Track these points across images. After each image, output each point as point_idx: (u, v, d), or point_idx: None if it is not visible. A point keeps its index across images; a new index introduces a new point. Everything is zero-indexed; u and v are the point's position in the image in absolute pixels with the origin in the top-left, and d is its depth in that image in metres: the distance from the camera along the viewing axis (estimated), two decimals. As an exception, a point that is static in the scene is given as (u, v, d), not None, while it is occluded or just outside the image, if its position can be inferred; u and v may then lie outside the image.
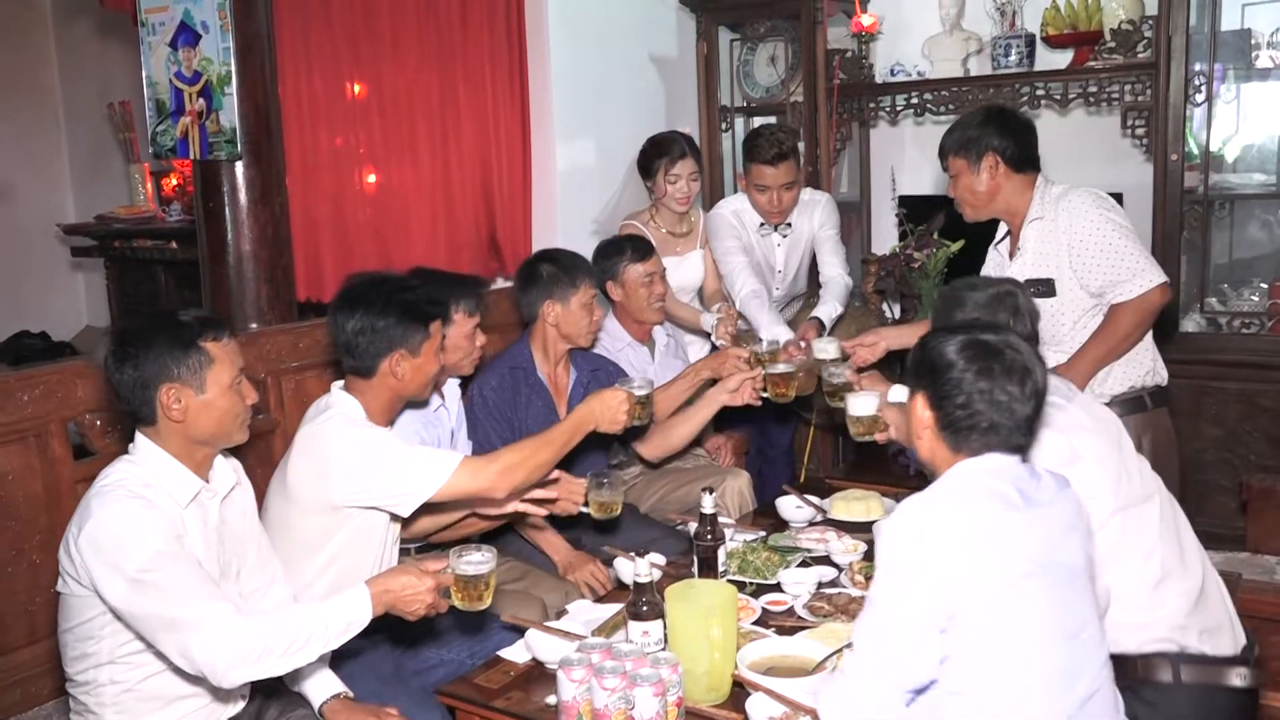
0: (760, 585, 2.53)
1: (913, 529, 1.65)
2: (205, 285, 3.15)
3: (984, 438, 1.70)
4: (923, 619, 1.62)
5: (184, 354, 1.96)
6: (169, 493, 1.96)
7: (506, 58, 4.02)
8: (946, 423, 1.72)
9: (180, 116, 3.06)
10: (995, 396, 1.69)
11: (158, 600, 1.83)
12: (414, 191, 3.80)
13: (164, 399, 1.95)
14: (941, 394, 1.72)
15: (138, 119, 5.46)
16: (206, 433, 2.00)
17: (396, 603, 1.99)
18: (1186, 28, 3.64)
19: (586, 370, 3.15)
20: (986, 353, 1.70)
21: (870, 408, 2.67)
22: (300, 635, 1.88)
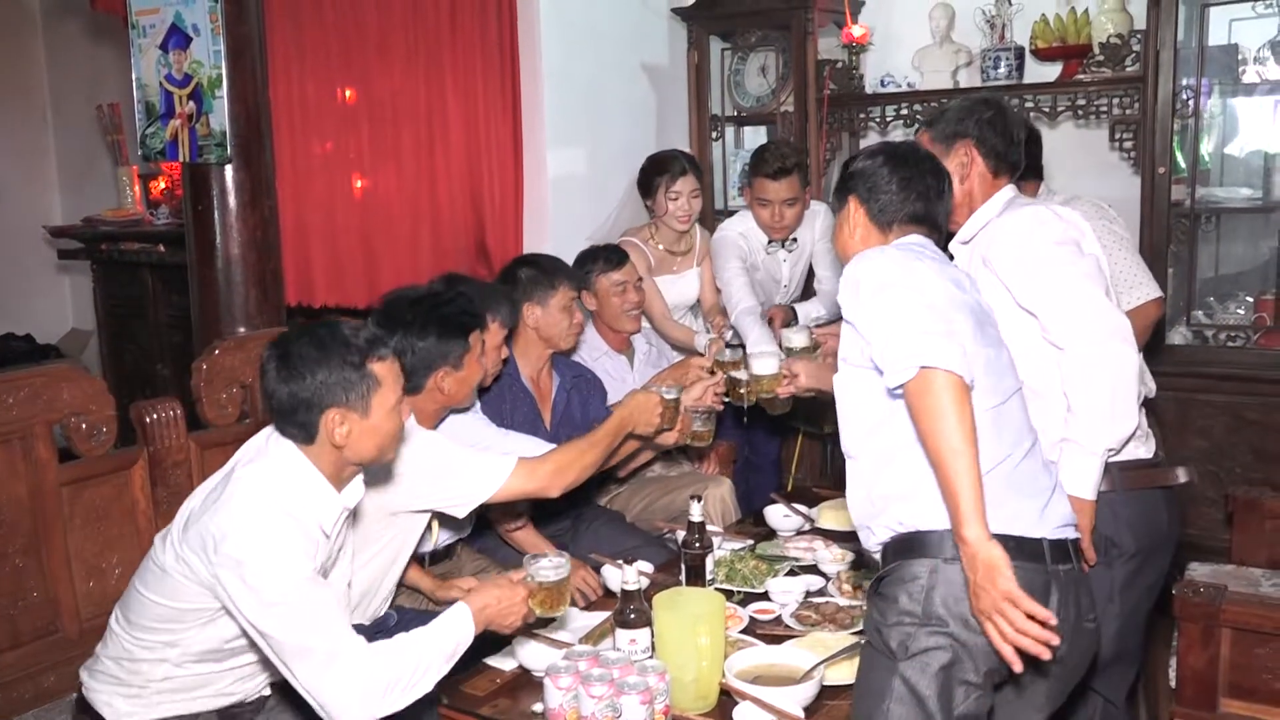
0: (748, 594, 2.54)
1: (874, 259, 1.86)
2: (193, 289, 3.14)
3: (912, 215, 1.97)
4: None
5: (355, 377, 1.89)
6: (320, 521, 1.91)
7: (498, 64, 4.02)
8: (877, 210, 1.98)
9: (170, 119, 3.05)
10: (916, 185, 1.97)
11: (290, 624, 1.79)
12: (403, 197, 3.80)
13: (329, 423, 1.89)
14: (870, 186, 1.98)
15: (126, 121, 5.44)
16: (366, 456, 1.95)
17: (495, 617, 1.97)
18: (1174, 42, 3.66)
19: (569, 376, 3.17)
20: (904, 153, 2.01)
21: (772, 366, 2.77)
22: (420, 667, 1.85)
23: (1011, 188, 2.32)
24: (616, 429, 2.61)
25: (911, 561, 1.79)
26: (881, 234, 2.00)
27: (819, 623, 2.36)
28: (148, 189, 5.43)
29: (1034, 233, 2.14)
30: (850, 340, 1.89)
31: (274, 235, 3.15)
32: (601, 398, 3.24)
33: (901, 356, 1.72)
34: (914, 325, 1.74)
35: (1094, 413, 2.05)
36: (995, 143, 2.27)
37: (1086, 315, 2.06)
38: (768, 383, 2.77)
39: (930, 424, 1.68)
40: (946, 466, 1.67)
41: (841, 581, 2.56)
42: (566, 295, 3.00)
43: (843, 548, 2.71)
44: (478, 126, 3.99)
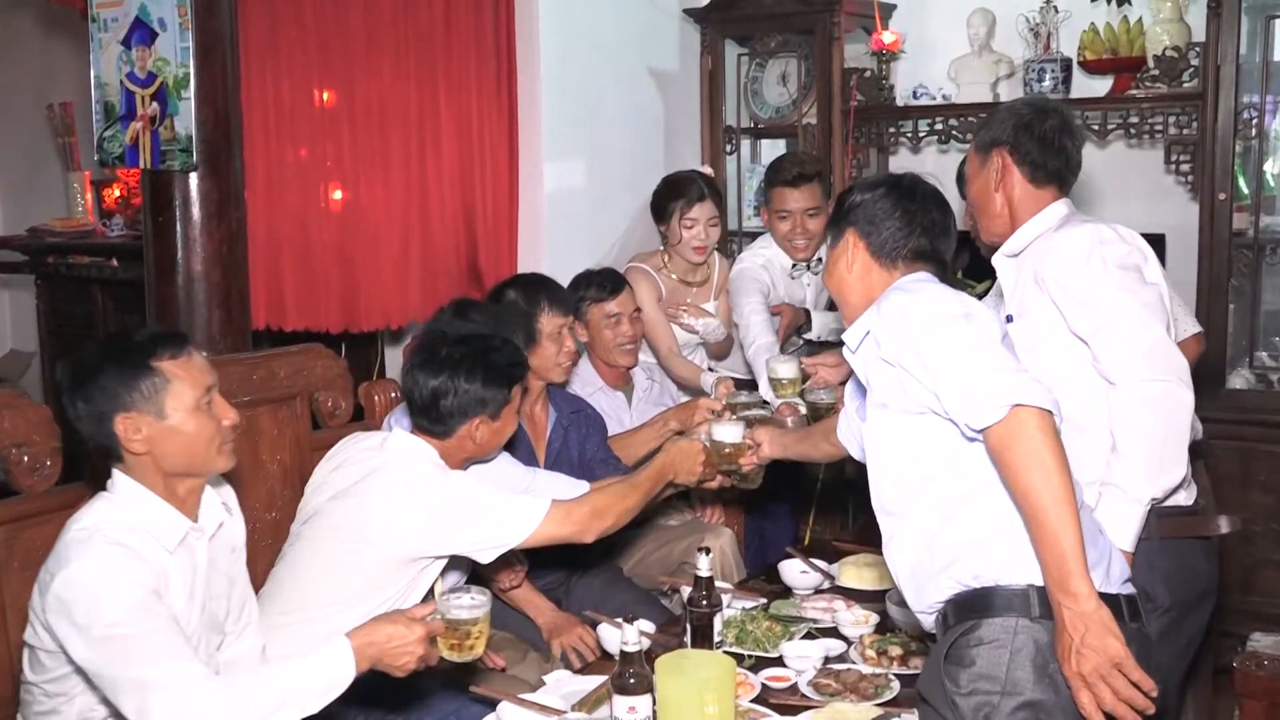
0: (760, 658, 2.53)
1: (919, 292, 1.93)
2: (150, 308, 3.14)
3: (917, 251, 2.03)
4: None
5: (134, 378, 1.94)
6: (155, 537, 1.94)
7: (494, 68, 4.06)
8: (879, 245, 2.04)
9: (131, 121, 3.07)
10: (921, 219, 2.03)
11: (124, 658, 1.81)
12: (387, 211, 3.82)
13: (121, 430, 1.94)
14: (870, 220, 2.04)
15: (80, 122, 5.48)
16: (178, 462, 1.98)
17: (383, 656, 1.96)
18: (1236, 56, 3.70)
19: (567, 411, 3.18)
20: (907, 186, 2.08)
21: (736, 434, 2.80)
22: (272, 698, 1.85)
23: (1067, 202, 2.36)
24: (657, 476, 2.68)
25: (989, 620, 1.80)
26: (885, 270, 2.05)
27: (839, 692, 2.35)
28: (101, 197, 5.46)
29: (1094, 253, 2.17)
30: (891, 384, 1.90)
31: (241, 251, 3.16)
32: (602, 435, 3.25)
33: (989, 395, 1.72)
34: (993, 361, 1.77)
35: (1142, 458, 2.07)
36: (1030, 149, 2.32)
37: (1143, 350, 2.08)
38: (730, 453, 2.81)
39: (1027, 470, 1.70)
40: (1048, 515, 1.68)
41: (865, 646, 2.55)
42: (553, 321, 3.02)
43: (866, 609, 2.70)
44: (470, 135, 4.02)
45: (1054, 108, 2.41)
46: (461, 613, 2.05)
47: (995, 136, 2.36)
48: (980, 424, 1.73)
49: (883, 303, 1.94)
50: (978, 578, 1.82)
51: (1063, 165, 2.35)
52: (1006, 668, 1.75)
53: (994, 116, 2.42)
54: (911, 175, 2.16)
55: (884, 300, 1.95)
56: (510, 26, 4.11)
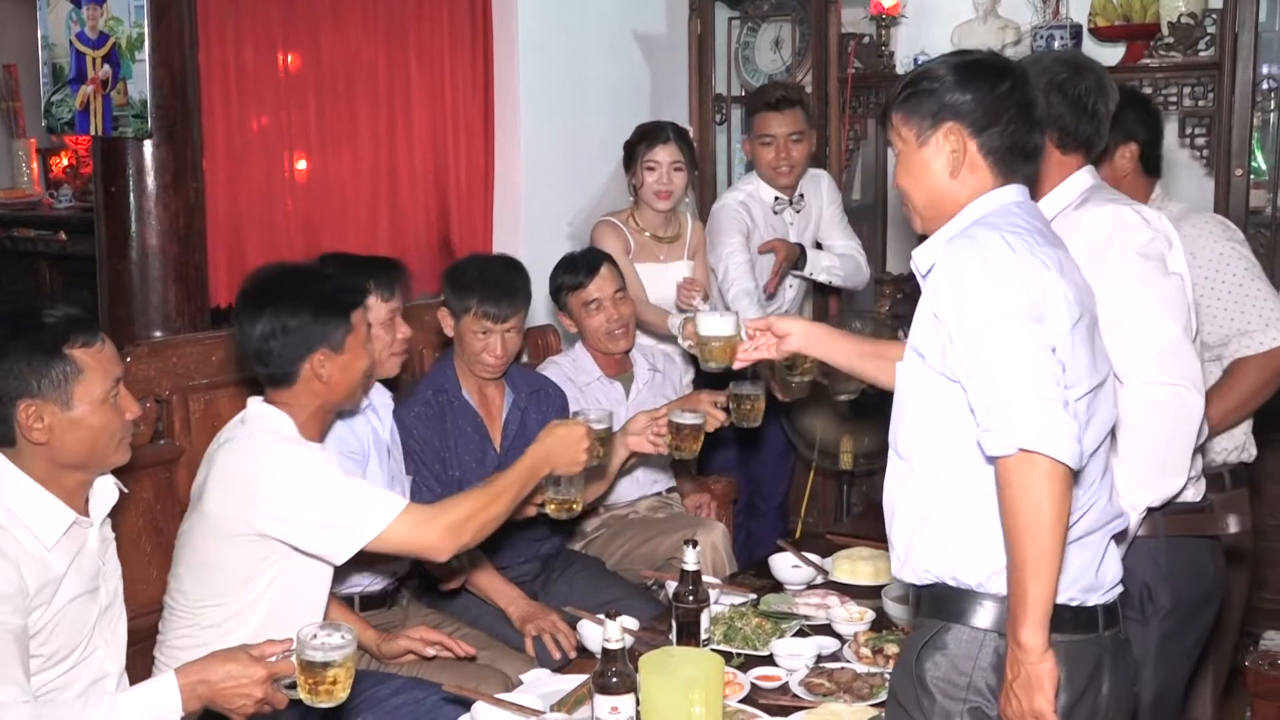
0: (749, 656, 2.55)
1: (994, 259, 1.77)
2: (102, 284, 3.13)
3: (1030, 151, 1.90)
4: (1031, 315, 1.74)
5: (45, 364, 1.93)
6: (32, 531, 1.93)
7: (468, 30, 4.04)
8: (998, 144, 1.87)
9: (81, 85, 3.05)
10: (1038, 109, 1.90)
11: None
12: (355, 182, 3.80)
13: (22, 418, 1.93)
14: (990, 108, 1.86)
15: (25, 87, 5.46)
16: (76, 456, 1.98)
17: (215, 696, 1.90)
18: (1255, 24, 3.72)
19: (525, 391, 3.17)
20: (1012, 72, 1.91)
21: (727, 326, 2.43)
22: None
23: (1090, 171, 2.29)
24: (529, 472, 2.45)
25: (960, 626, 1.81)
26: (999, 178, 1.89)
27: (832, 692, 2.37)
28: (48, 166, 5.44)
29: (1114, 237, 2.14)
30: (933, 337, 1.84)
31: (199, 223, 3.15)
32: (563, 415, 3.24)
33: (1004, 426, 1.68)
34: (1026, 386, 1.69)
35: (1141, 463, 2.07)
36: (1061, 112, 2.24)
37: (1156, 351, 2.07)
38: (719, 350, 2.43)
39: (1020, 517, 1.68)
40: (1026, 567, 1.68)
41: (859, 644, 2.57)
42: (478, 321, 2.99)
43: (860, 605, 2.72)
44: (443, 101, 4.01)
45: (1089, 65, 2.32)
46: (316, 654, 1.88)
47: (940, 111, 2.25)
48: (988, 450, 1.71)
49: (955, 247, 1.84)
50: (955, 578, 1.82)
51: (1093, 132, 2.28)
52: (971, 677, 1.78)
53: None
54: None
55: (957, 243, 1.84)
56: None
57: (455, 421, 3.03)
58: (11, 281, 5.26)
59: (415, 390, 3.08)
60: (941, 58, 1.99)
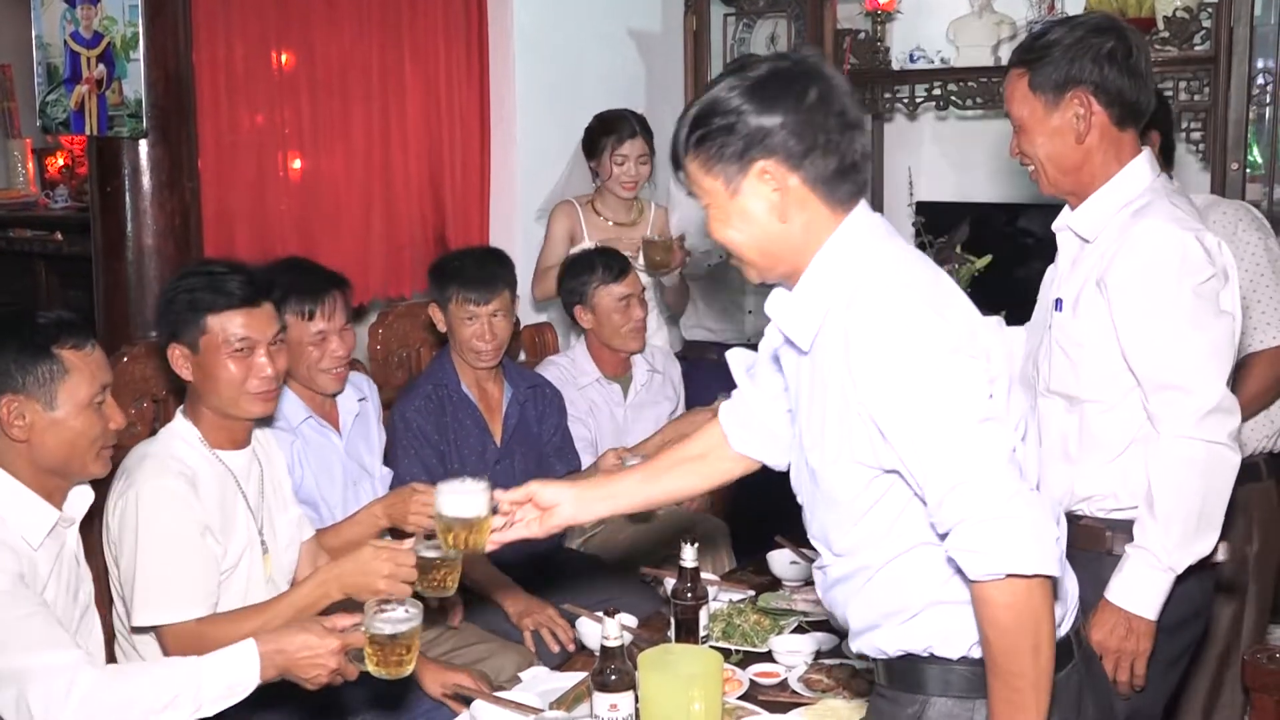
0: (748, 653, 2.55)
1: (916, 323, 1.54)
2: (98, 284, 3.14)
3: (858, 175, 1.62)
4: (981, 384, 1.54)
5: (32, 361, 1.93)
6: (18, 530, 1.93)
7: (463, 28, 4.04)
8: (820, 177, 1.59)
9: (76, 85, 3.05)
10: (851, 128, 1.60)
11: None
12: (350, 180, 3.81)
13: (4, 413, 1.93)
14: (805, 140, 1.58)
15: (20, 87, 5.45)
16: (54, 458, 1.97)
17: (292, 666, 1.94)
18: (1251, 18, 3.71)
19: (523, 386, 3.21)
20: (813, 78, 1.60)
21: (474, 506, 1.95)
22: (166, 691, 1.85)
23: (1149, 159, 2.13)
24: (310, 598, 2.20)
25: (942, 700, 1.66)
26: (834, 208, 1.62)
27: (831, 688, 2.37)
28: (43, 166, 5.44)
29: (1173, 269, 2.00)
30: (849, 428, 1.60)
31: (196, 223, 3.15)
32: (560, 417, 3.27)
33: (985, 549, 1.49)
34: (997, 494, 1.49)
35: (1179, 523, 2.00)
36: (1120, 84, 2.04)
37: (1202, 411, 1.98)
38: (466, 533, 1.96)
39: (1018, 634, 1.51)
40: (1029, 683, 1.52)
41: (858, 640, 2.57)
42: (462, 308, 3.03)
43: (860, 601, 2.72)
44: (438, 99, 4.01)
45: (1122, 25, 2.12)
46: (385, 627, 1.93)
47: (1074, 74, 2.04)
48: (967, 573, 1.51)
49: (855, 320, 1.56)
50: (931, 652, 1.65)
51: (1149, 98, 2.10)
52: None
53: (1057, 48, 2.06)
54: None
55: (854, 314, 1.56)
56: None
57: (455, 415, 3.05)
58: (8, 282, 5.25)
59: (415, 385, 3.10)
60: (726, 79, 1.62)
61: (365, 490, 2.82)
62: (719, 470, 2.02)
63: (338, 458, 2.80)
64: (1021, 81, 2.11)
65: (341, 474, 2.80)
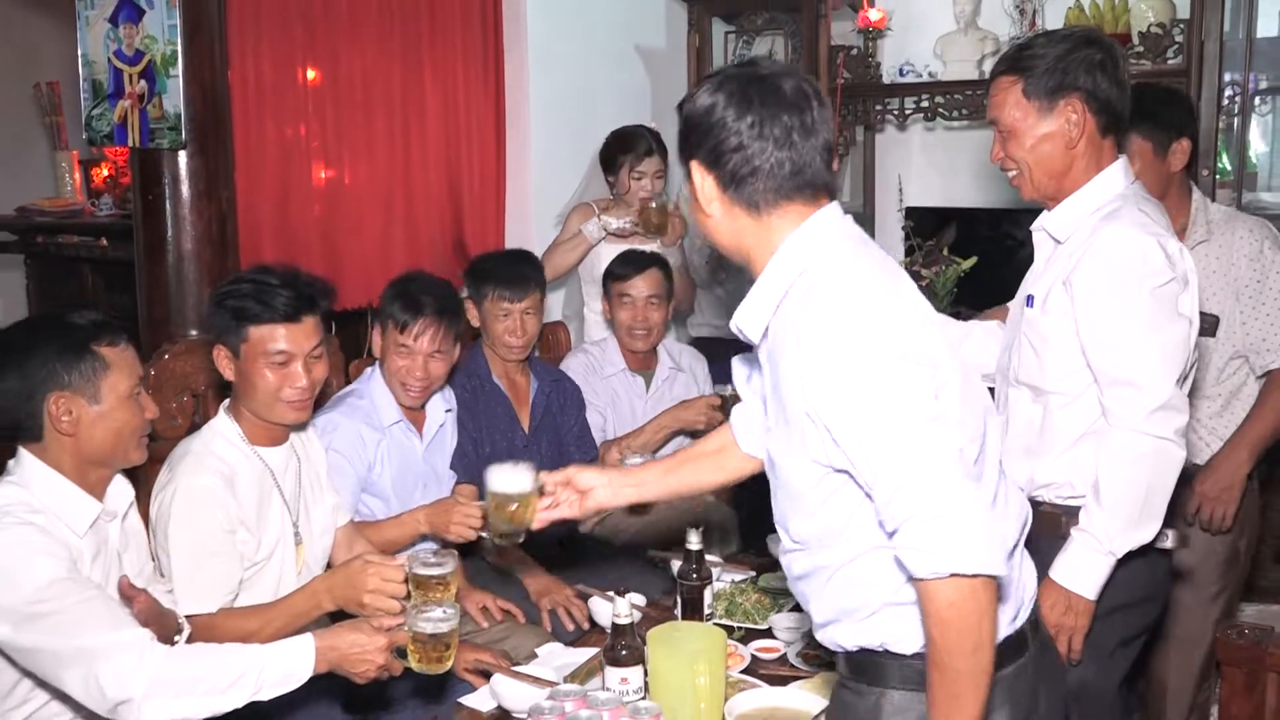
0: (749, 630, 2.54)
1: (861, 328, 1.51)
2: (140, 287, 3.13)
3: (773, 181, 1.56)
4: (925, 390, 1.49)
5: (75, 359, 1.93)
6: (63, 521, 1.92)
7: (480, 45, 4.03)
8: (729, 179, 1.57)
9: (119, 100, 3.04)
10: (767, 130, 1.54)
11: (58, 631, 1.78)
12: (373, 190, 3.80)
13: (52, 409, 1.92)
14: (711, 146, 1.56)
15: (67, 102, 5.42)
16: (101, 449, 1.97)
17: (343, 662, 1.96)
18: (1220, 33, 3.69)
19: (548, 380, 3.23)
20: (747, 84, 1.55)
21: (522, 483, 2.04)
22: (230, 673, 1.85)
23: (1124, 167, 2.12)
24: (301, 606, 2.19)
25: (895, 693, 1.62)
26: (802, 201, 1.60)
27: (827, 663, 2.36)
28: (89, 176, 5.41)
29: (1134, 271, 1.99)
30: (797, 427, 1.58)
31: (232, 229, 3.14)
32: (579, 411, 3.28)
33: (929, 548, 1.44)
34: (943, 492, 1.45)
35: (1123, 512, 2.00)
36: (1110, 93, 2.03)
37: (1153, 406, 1.97)
38: (516, 510, 2.04)
39: (960, 632, 1.47)
40: (967, 681, 1.49)
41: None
42: (497, 305, 3.04)
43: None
44: (457, 113, 4.00)
45: (1104, 38, 2.10)
46: (429, 626, 1.98)
47: (1065, 81, 2.02)
48: (911, 570, 1.47)
49: (802, 314, 1.53)
50: (886, 648, 1.62)
51: (1128, 109, 2.09)
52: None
53: (1048, 57, 2.04)
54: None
55: (812, 319, 1.52)
56: (497, 4, 4.09)
57: (487, 404, 3.06)
58: (57, 285, 5.24)
59: (451, 378, 3.08)
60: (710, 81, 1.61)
61: (432, 493, 2.83)
62: (733, 466, 2.04)
63: (415, 461, 2.82)
64: (1015, 88, 2.08)
65: (415, 476, 2.82)
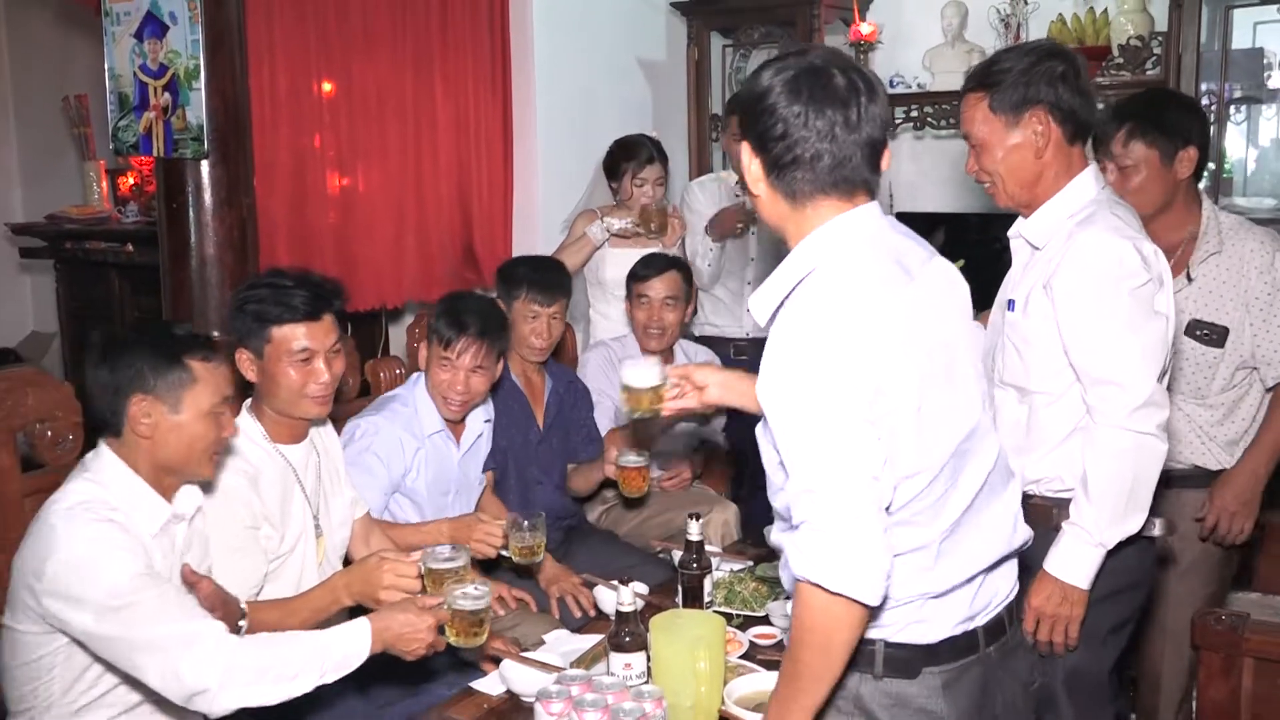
0: (748, 617, 2.55)
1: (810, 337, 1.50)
2: (165, 290, 3.14)
3: (811, 173, 1.55)
4: (857, 410, 1.48)
5: (165, 367, 1.93)
6: (137, 520, 1.92)
7: (488, 58, 4.05)
8: (771, 164, 1.57)
9: (144, 111, 3.06)
10: (811, 121, 1.52)
11: (138, 622, 1.80)
12: (386, 197, 3.82)
13: (133, 410, 1.92)
14: (760, 130, 1.56)
15: (95, 114, 5.45)
16: (173, 458, 1.97)
17: (396, 642, 1.99)
18: (1197, 45, 3.71)
19: (562, 380, 3.24)
20: (802, 74, 1.54)
21: (652, 377, 2.18)
22: (299, 660, 1.87)
23: (1094, 173, 2.12)
24: (323, 599, 2.20)
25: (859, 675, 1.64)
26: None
27: (822, 648, 2.37)
28: (116, 185, 5.43)
29: (1109, 274, 1.99)
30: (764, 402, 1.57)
31: (252, 235, 3.16)
32: (588, 408, 3.28)
33: (805, 552, 1.47)
34: (839, 508, 1.46)
35: (1109, 505, 2.01)
36: (1073, 103, 2.03)
37: (1135, 403, 1.97)
38: (647, 398, 2.19)
39: (802, 640, 1.51)
40: (808, 675, 1.52)
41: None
42: (526, 307, 3.04)
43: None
44: (467, 123, 4.02)
45: (1066, 50, 2.10)
46: (467, 603, 2.05)
47: (1028, 95, 2.03)
48: (791, 565, 1.50)
49: (791, 309, 1.56)
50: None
51: (1093, 116, 2.10)
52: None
53: (1013, 72, 2.04)
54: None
55: (792, 311, 1.55)
56: (504, 19, 4.10)
57: (504, 400, 3.06)
58: (85, 288, 5.27)
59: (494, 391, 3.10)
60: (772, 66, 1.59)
61: (463, 500, 2.86)
62: None
63: (450, 468, 2.83)
64: (981, 104, 2.09)
65: (448, 482, 2.83)
